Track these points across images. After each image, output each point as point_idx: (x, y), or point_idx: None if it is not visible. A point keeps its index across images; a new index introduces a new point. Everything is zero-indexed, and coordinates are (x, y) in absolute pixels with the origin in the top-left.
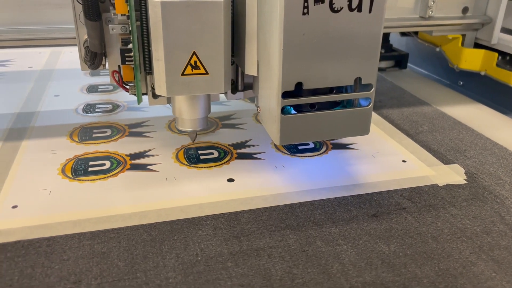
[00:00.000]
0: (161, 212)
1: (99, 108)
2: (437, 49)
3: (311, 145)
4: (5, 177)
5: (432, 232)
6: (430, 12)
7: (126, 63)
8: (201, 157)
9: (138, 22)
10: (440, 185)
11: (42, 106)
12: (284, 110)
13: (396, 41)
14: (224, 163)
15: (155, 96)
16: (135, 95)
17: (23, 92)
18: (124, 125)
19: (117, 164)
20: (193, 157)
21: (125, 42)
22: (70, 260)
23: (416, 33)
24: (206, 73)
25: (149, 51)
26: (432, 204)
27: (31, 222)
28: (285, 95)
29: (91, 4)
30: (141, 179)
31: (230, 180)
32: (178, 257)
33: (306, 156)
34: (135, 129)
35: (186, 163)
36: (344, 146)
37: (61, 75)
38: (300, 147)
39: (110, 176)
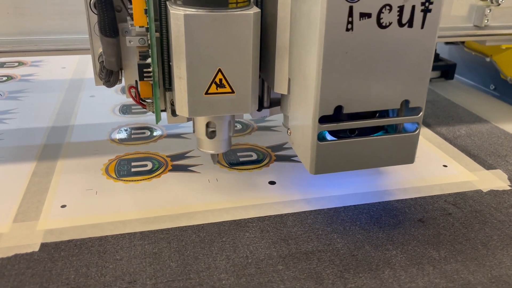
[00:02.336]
0: (207, 214)
1: (135, 109)
2: (488, 59)
3: None
4: (51, 177)
5: (481, 239)
6: (486, 21)
7: (145, 79)
8: (241, 159)
9: (158, 34)
10: (484, 190)
11: (79, 107)
12: (318, 135)
13: (439, 49)
14: (264, 165)
15: (174, 113)
16: (153, 112)
17: (59, 94)
18: (161, 125)
19: (159, 165)
20: (232, 159)
21: (143, 56)
22: (123, 260)
23: (462, 41)
24: (232, 92)
25: (169, 66)
26: (478, 210)
27: (81, 222)
28: (322, 119)
29: (108, 18)
30: (184, 180)
31: (272, 182)
32: (228, 258)
33: None
34: (172, 130)
35: (226, 165)
36: None
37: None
38: None
39: (153, 177)
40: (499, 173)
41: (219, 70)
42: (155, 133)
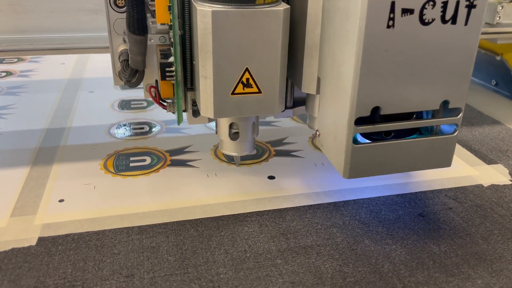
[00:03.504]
0: (206, 208)
1: (134, 104)
2: (498, 58)
3: None
4: (49, 172)
5: (482, 233)
6: (498, 19)
7: (167, 78)
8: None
9: (180, 32)
10: (485, 185)
11: (78, 102)
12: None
13: None
14: (263, 160)
15: (196, 114)
16: (173, 113)
17: (58, 90)
18: (160, 121)
19: (158, 160)
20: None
21: (165, 54)
22: (121, 254)
23: None
24: (259, 92)
25: (192, 65)
26: (479, 204)
27: (79, 216)
28: (357, 120)
29: (138, 15)
30: (183, 175)
31: (271, 177)
32: (227, 253)
33: None
34: (171, 126)
35: (225, 159)
36: None
37: (94, 73)
38: None
39: (151, 171)
40: (500, 167)
41: (247, 69)
42: (154, 129)
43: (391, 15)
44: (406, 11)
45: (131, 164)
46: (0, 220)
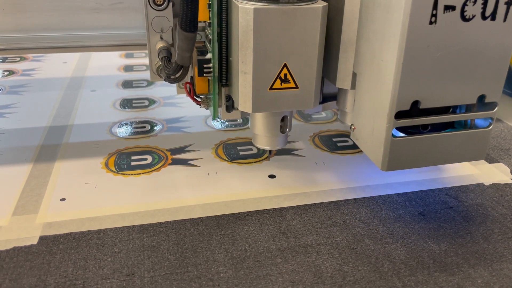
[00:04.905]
0: (206, 207)
1: (135, 103)
2: None
3: (350, 142)
4: (51, 171)
5: (482, 232)
6: None
7: (204, 74)
8: (241, 153)
9: (218, 29)
10: (486, 184)
11: (80, 101)
12: None
13: None
14: (264, 159)
15: (229, 109)
16: (206, 108)
17: (60, 89)
18: (162, 120)
19: (159, 159)
20: (232, 153)
21: (201, 51)
22: (122, 253)
23: None
24: (296, 87)
25: (227, 62)
26: (480, 203)
27: (80, 215)
28: (396, 114)
29: (192, 14)
30: (184, 174)
31: (272, 176)
32: (227, 252)
33: (346, 153)
34: (173, 124)
35: (226, 158)
36: None
37: (96, 72)
38: (339, 145)
39: (153, 170)
40: (502, 166)
41: (285, 65)
42: (155, 127)
43: (434, 12)
44: (448, 8)
45: (132, 163)
46: (2, 219)
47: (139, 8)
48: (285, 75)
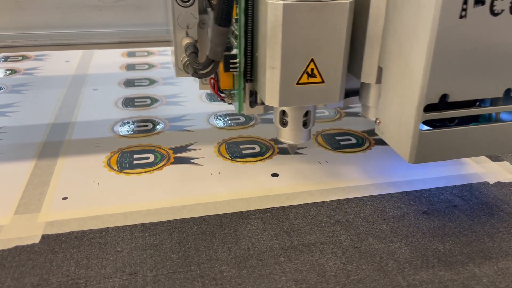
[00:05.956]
0: (209, 206)
1: (137, 102)
2: None
3: (353, 141)
4: (53, 170)
5: (487, 231)
6: None
7: (230, 70)
8: (243, 152)
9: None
10: (491, 182)
11: (82, 100)
12: None
13: None
14: (267, 157)
15: (252, 104)
16: (229, 103)
17: (62, 88)
18: (164, 118)
19: (161, 157)
20: (235, 151)
21: (227, 47)
22: (124, 251)
23: None
24: (322, 81)
25: (252, 57)
26: (485, 202)
27: (82, 214)
28: (425, 108)
29: (228, 9)
30: (186, 172)
31: (274, 175)
32: (230, 250)
33: (350, 152)
34: (175, 123)
35: (229, 157)
36: None
37: (98, 70)
38: (342, 143)
39: (155, 169)
40: (506, 165)
41: (312, 60)
42: (157, 126)
43: (464, 6)
44: (478, 2)
45: (135, 162)
46: (4, 218)
47: (141, 5)
48: (312, 70)
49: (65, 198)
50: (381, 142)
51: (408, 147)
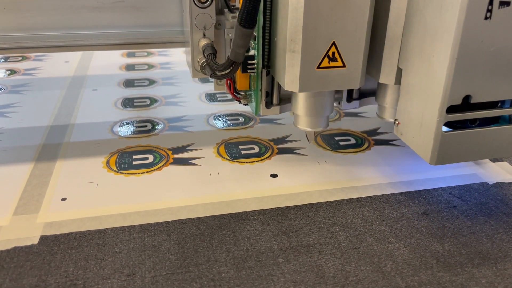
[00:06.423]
0: (208, 206)
1: (137, 102)
2: None
3: (353, 141)
4: (52, 170)
5: (486, 232)
6: None
7: (248, 71)
8: (242, 152)
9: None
10: (490, 183)
11: (82, 101)
12: None
13: None
14: (266, 158)
15: (268, 105)
16: (246, 104)
17: (62, 88)
18: (163, 119)
19: (160, 158)
20: (234, 152)
21: None
22: (123, 252)
23: None
24: (343, 66)
25: (270, 44)
26: (484, 202)
27: (81, 215)
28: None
29: (253, 10)
30: (185, 173)
31: (274, 175)
32: (228, 251)
33: (349, 152)
34: (174, 124)
35: (228, 158)
36: (387, 143)
37: (98, 71)
38: (341, 143)
39: (154, 170)
40: (505, 165)
41: (333, 43)
42: (157, 127)
43: (489, 7)
44: (503, 3)
45: (134, 162)
46: (3, 219)
47: (140, 7)
48: (333, 53)
49: (64, 199)
50: (380, 142)
51: (429, 149)
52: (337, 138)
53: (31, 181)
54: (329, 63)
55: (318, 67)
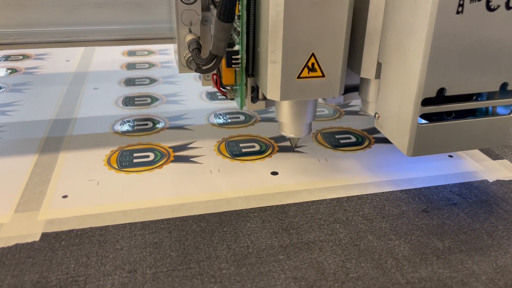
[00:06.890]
0: (208, 204)
1: (138, 101)
2: None
3: (353, 139)
4: (53, 168)
5: (487, 228)
6: None
7: (232, 65)
8: (243, 150)
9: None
10: (490, 180)
11: (82, 99)
12: None
13: None
14: (267, 156)
15: (254, 100)
16: (232, 99)
17: (63, 87)
18: (164, 117)
19: (161, 156)
20: (235, 150)
21: (229, 43)
22: (124, 249)
23: None
24: (323, 75)
25: (254, 53)
26: (484, 200)
27: (82, 212)
28: (422, 102)
29: (231, 5)
30: (186, 171)
31: (274, 173)
32: (229, 248)
33: (349, 150)
34: (175, 122)
35: (229, 155)
36: (387, 141)
37: (98, 69)
38: (342, 141)
39: (155, 167)
40: (506, 163)
41: (313, 54)
42: (157, 125)
43: (461, 2)
44: None
45: (135, 160)
46: (4, 216)
47: (141, 2)
48: (313, 64)
49: (65, 196)
50: (380, 140)
51: (406, 140)
52: (337, 136)
53: (33, 179)
54: (309, 73)
55: (299, 77)
